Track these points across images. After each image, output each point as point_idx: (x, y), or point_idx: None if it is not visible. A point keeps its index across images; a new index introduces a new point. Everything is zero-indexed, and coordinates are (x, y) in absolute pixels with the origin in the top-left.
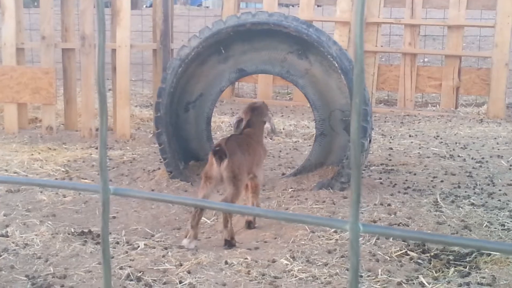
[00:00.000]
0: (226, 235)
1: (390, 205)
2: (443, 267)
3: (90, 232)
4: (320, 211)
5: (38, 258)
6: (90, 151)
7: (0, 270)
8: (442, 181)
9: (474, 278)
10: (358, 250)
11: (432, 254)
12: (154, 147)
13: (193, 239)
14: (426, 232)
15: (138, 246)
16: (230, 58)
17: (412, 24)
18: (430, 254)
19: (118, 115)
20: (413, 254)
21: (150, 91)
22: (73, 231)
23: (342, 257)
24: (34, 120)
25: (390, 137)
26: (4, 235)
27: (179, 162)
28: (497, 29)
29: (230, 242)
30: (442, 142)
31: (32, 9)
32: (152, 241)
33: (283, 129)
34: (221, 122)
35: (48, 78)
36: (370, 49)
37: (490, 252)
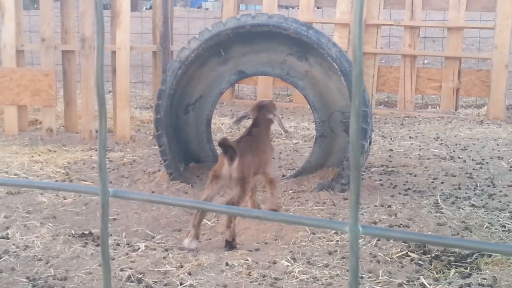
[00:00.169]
0: (228, 236)
1: (390, 206)
2: (444, 268)
3: (90, 234)
4: (320, 213)
5: (39, 260)
6: (90, 153)
7: (0, 272)
8: (442, 182)
9: (475, 279)
10: (358, 251)
11: (433, 255)
12: (154, 149)
13: (194, 239)
14: (425, 233)
15: (139, 248)
16: (230, 60)
17: (412, 25)
18: (431, 255)
19: (118, 117)
20: (414, 255)
21: (150, 93)
22: (73, 233)
23: (343, 258)
24: (34, 122)
25: (390, 138)
26: (4, 237)
27: (179, 164)
28: (496, 30)
29: (231, 244)
30: (442, 143)
31: (32, 11)
32: (152, 242)
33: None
34: (221, 124)
35: (48, 80)
36: (370, 50)
37: (491, 253)
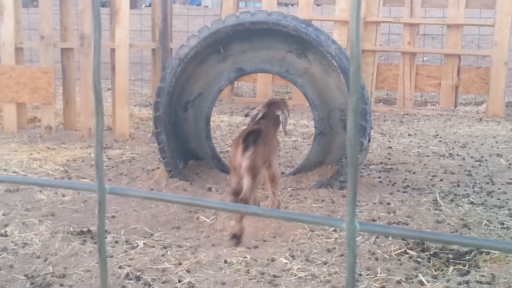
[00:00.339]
0: (237, 230)
1: (389, 204)
2: (443, 266)
3: (89, 231)
4: (319, 210)
5: (37, 257)
6: (89, 151)
7: None
8: (441, 179)
9: (474, 277)
10: (355, 248)
11: (431, 252)
12: (153, 147)
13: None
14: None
15: (137, 245)
16: (229, 57)
17: (411, 23)
18: (429, 252)
19: (117, 115)
20: (412, 252)
21: (149, 91)
22: (72, 231)
23: (341, 255)
24: (33, 119)
25: (390, 136)
26: (3, 235)
27: (178, 162)
28: (496, 28)
29: (238, 239)
30: (441, 141)
31: (31, 8)
32: (151, 240)
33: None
34: (220, 121)
35: (47, 78)
36: (369, 48)
37: (490, 250)
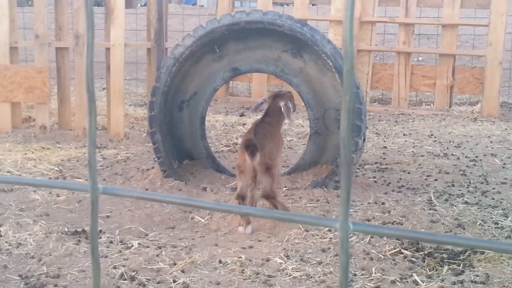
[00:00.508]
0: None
1: (384, 203)
2: (437, 266)
3: (83, 231)
4: (314, 210)
5: (32, 257)
6: (84, 150)
7: None
8: (436, 179)
9: (468, 276)
10: (348, 248)
11: (426, 252)
12: (148, 146)
13: (247, 225)
14: (417, 230)
15: (132, 245)
16: (224, 57)
17: (406, 23)
18: (424, 252)
19: (112, 114)
20: (407, 252)
21: (144, 90)
22: (66, 231)
23: (336, 255)
24: (28, 119)
25: (384, 135)
26: None
27: (173, 161)
28: (491, 28)
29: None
30: (436, 140)
31: (26, 7)
32: (146, 240)
33: None
34: (215, 121)
35: (41, 77)
36: (364, 48)
37: (484, 250)
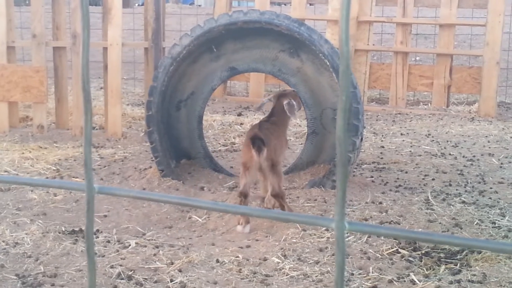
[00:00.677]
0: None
1: (381, 203)
2: (434, 265)
3: (81, 231)
4: (311, 210)
5: (29, 257)
6: (81, 150)
7: None
8: (433, 179)
9: (465, 276)
10: (344, 248)
11: (423, 252)
12: (145, 146)
13: (246, 224)
14: (413, 230)
15: (129, 245)
16: (221, 56)
17: (403, 22)
18: (421, 252)
19: (110, 114)
20: (404, 252)
21: (141, 90)
22: (63, 230)
23: (334, 255)
24: (25, 118)
25: (382, 135)
26: None
27: (171, 161)
28: (488, 27)
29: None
30: (433, 140)
31: (23, 7)
32: (143, 239)
33: None
34: (212, 120)
35: (39, 77)
36: (362, 47)
37: (481, 250)
